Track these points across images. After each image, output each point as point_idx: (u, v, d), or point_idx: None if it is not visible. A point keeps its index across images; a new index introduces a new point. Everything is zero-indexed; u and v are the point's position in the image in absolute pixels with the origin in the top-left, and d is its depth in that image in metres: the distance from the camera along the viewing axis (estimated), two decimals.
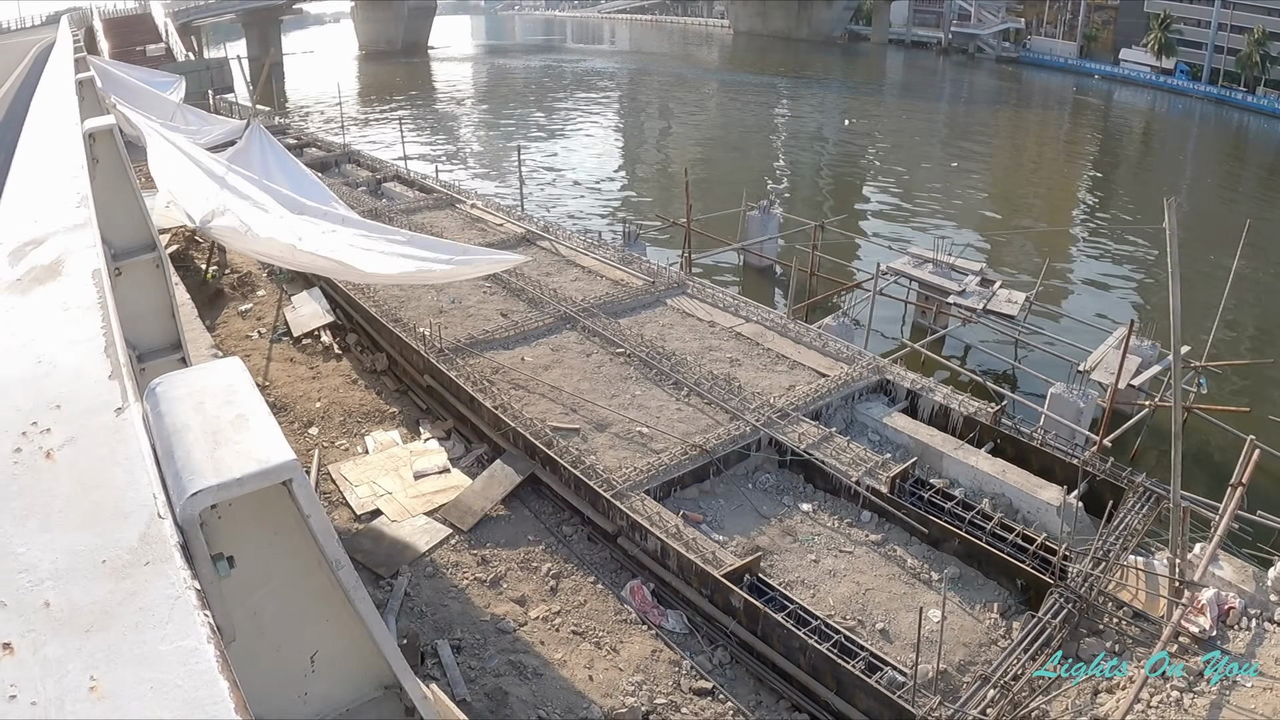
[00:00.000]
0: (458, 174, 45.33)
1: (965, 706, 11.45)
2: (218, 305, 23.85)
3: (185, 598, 1.74)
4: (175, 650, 1.63)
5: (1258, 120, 75.70)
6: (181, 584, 1.77)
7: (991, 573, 14.09)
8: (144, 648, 1.65)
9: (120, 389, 2.53)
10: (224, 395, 2.27)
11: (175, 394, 2.29)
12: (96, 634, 1.71)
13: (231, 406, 2.22)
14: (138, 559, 1.85)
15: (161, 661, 1.62)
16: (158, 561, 1.84)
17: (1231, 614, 12.57)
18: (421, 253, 14.44)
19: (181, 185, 15.55)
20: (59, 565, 1.85)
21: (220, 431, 2.11)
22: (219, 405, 2.22)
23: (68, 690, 1.58)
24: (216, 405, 2.22)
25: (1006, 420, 17.20)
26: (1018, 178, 56.19)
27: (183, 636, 1.66)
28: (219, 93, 49.92)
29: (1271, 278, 35.95)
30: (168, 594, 1.75)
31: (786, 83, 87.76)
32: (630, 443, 16.30)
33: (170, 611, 1.72)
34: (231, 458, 2.02)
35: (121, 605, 1.76)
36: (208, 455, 2.02)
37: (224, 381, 2.36)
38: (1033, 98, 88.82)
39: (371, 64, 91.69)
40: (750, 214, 33.06)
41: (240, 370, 2.41)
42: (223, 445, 2.06)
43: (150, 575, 1.80)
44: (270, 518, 2.27)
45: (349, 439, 17.73)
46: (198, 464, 2.00)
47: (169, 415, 2.19)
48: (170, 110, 25.24)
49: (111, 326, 3.04)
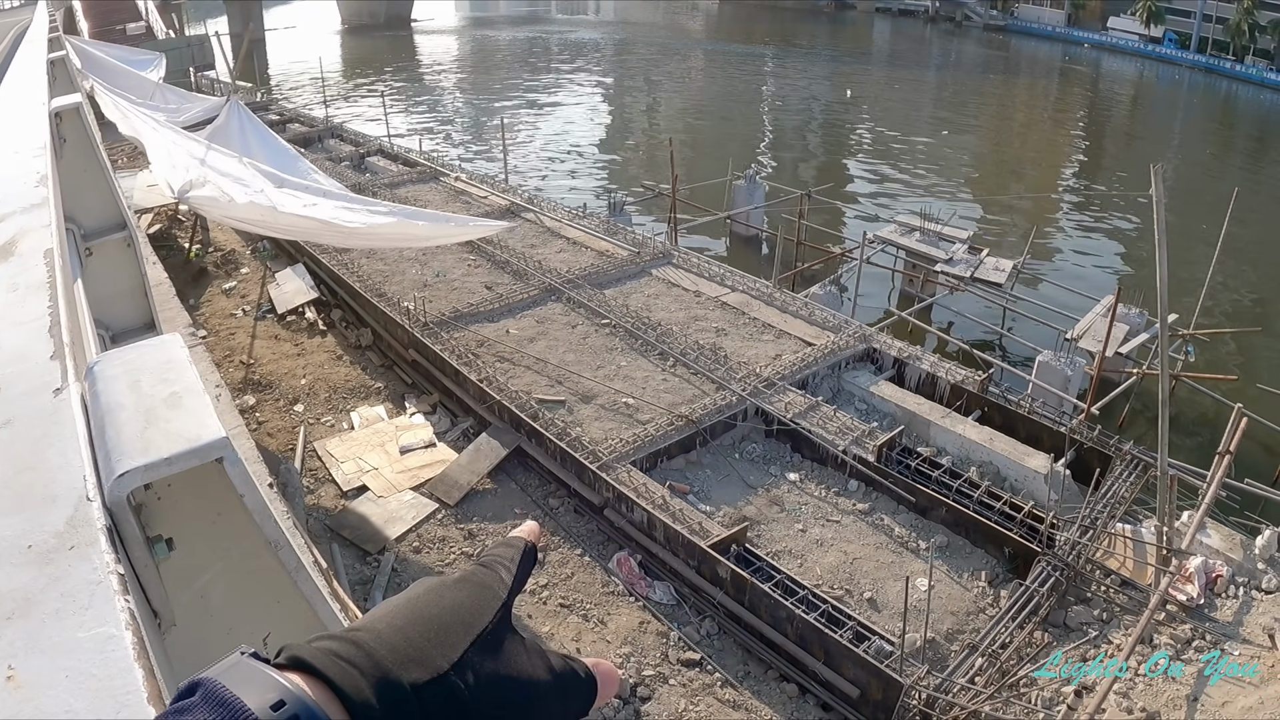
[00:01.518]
0: (442, 147, 45.01)
1: (953, 675, 11.48)
2: (202, 284, 23.68)
3: (107, 583, 1.67)
4: (92, 637, 1.57)
5: (1246, 89, 75.50)
6: (105, 568, 1.70)
7: (979, 541, 14.12)
8: (62, 635, 1.59)
9: (60, 368, 2.46)
10: (159, 373, 2.19)
11: (112, 373, 2.21)
12: (18, 621, 1.64)
13: (166, 384, 2.14)
14: (63, 543, 1.78)
15: (78, 649, 1.55)
16: (82, 545, 1.77)
17: (1219, 582, 12.63)
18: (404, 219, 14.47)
19: (161, 159, 15.49)
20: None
21: (153, 410, 2.04)
22: (154, 383, 2.14)
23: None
24: (151, 383, 2.14)
25: (994, 388, 17.21)
26: (1005, 146, 56.05)
27: (100, 623, 1.59)
28: (200, 70, 49.40)
29: (1259, 246, 35.97)
30: (90, 579, 1.69)
31: (773, 52, 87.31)
32: (616, 414, 16.26)
33: (91, 597, 1.65)
34: (161, 437, 1.95)
35: (44, 591, 1.69)
36: (138, 434, 1.95)
37: (162, 359, 2.28)
38: (1020, 66, 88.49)
39: (354, 38, 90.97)
40: (736, 183, 32.92)
41: (179, 346, 2.33)
42: (154, 424, 1.99)
43: (74, 560, 1.73)
44: (213, 498, 2.19)
45: (334, 415, 17.66)
46: (127, 444, 1.92)
47: (104, 394, 2.12)
48: (150, 89, 24.94)
49: (59, 306, 2.96)
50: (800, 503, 14.96)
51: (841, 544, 14.06)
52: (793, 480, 15.47)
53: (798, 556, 13.80)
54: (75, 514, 1.81)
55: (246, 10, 79.10)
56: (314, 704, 0.83)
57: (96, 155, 6.58)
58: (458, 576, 1.08)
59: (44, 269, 3.27)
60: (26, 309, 2.87)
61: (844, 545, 14.03)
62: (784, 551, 13.87)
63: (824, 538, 14.19)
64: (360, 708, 0.86)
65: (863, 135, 56.50)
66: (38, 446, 2.06)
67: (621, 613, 12.87)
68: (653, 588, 13.41)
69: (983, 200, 42.11)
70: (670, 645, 12.39)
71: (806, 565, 13.62)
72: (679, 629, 12.70)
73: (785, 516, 14.65)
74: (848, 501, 14.99)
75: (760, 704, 11.68)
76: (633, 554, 13.85)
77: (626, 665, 11.91)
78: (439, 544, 14.14)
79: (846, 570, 13.54)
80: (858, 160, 50.73)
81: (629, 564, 13.66)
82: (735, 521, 14.02)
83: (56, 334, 2.63)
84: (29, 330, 2.71)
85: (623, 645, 12.24)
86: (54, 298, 2.91)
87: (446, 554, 13.91)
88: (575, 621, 12.64)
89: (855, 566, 13.62)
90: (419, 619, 0.98)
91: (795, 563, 13.62)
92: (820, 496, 15.12)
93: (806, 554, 13.85)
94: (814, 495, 15.15)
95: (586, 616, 12.77)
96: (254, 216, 14.78)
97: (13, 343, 2.66)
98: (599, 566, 13.75)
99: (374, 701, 0.86)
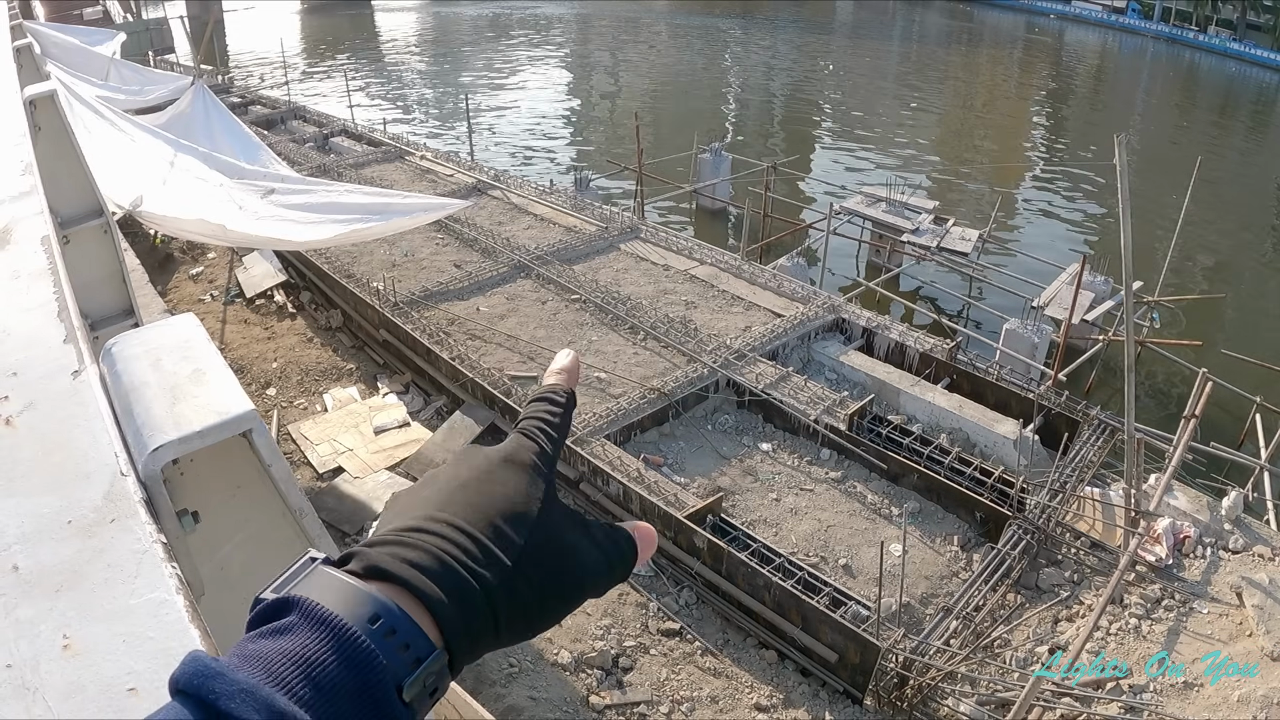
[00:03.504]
0: (406, 126, 44.73)
1: (928, 637, 11.69)
2: (168, 270, 23.53)
3: (152, 551, 1.75)
4: (145, 603, 1.65)
5: (1209, 59, 75.98)
6: (148, 538, 1.78)
7: (951, 506, 14.33)
8: (114, 603, 1.67)
9: (76, 352, 2.52)
10: (180, 351, 2.26)
11: (131, 353, 2.28)
12: (67, 593, 1.72)
13: (188, 362, 2.21)
14: (103, 517, 1.86)
15: (132, 615, 1.63)
16: (123, 518, 1.85)
17: (1187, 542, 12.90)
18: (363, 200, 14.33)
19: (108, 166, 15.22)
20: (25, 529, 1.85)
21: (178, 387, 2.11)
22: (176, 361, 2.21)
23: (41, 650, 1.59)
24: (173, 361, 2.21)
25: (962, 356, 17.39)
26: (970, 117, 56.26)
27: (151, 589, 1.67)
28: (160, 54, 48.73)
29: (1222, 213, 36.39)
30: (134, 549, 1.77)
31: (737, 23, 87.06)
32: (588, 388, 16.35)
33: (138, 566, 1.73)
34: (191, 411, 2.02)
35: (89, 563, 1.77)
36: (167, 410, 2.03)
37: (180, 337, 2.35)
38: (984, 37, 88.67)
39: (314, 17, 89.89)
40: (702, 156, 32.92)
41: (195, 326, 2.41)
42: (181, 400, 2.06)
43: (116, 532, 1.81)
44: (232, 471, 2.28)
45: (307, 398, 17.65)
46: (158, 420, 2.00)
47: (126, 374, 2.19)
48: (104, 68, 24.27)
49: (64, 291, 3.02)
50: (774, 472, 15.12)
51: (815, 512, 14.24)
52: (765, 450, 15.63)
53: (773, 525, 13.96)
54: (111, 489, 1.89)
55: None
56: (409, 616, 0.85)
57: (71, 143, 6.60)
58: (502, 455, 1.09)
59: (44, 256, 3.32)
60: (32, 295, 2.93)
61: (818, 513, 14.21)
62: (759, 520, 14.04)
63: (798, 506, 14.37)
64: (447, 619, 0.89)
65: (828, 107, 56.58)
66: (64, 427, 2.13)
67: None
68: None
69: (948, 170, 42.34)
70: (650, 616, 12.55)
71: (782, 533, 13.79)
72: (658, 599, 12.85)
73: (759, 486, 14.82)
74: (820, 470, 15.17)
75: (740, 671, 11.86)
76: None
77: (607, 637, 12.05)
78: None
79: (821, 537, 13.73)
80: (823, 132, 50.83)
81: None
82: (710, 492, 14.16)
83: (66, 320, 2.69)
84: (39, 316, 2.77)
85: (603, 617, 12.37)
86: (58, 284, 2.97)
87: None
88: None
89: (830, 534, 13.81)
90: (476, 510, 0.99)
91: (771, 531, 13.79)
92: (793, 466, 15.29)
93: (781, 522, 14.02)
94: (787, 464, 15.31)
95: None
96: (204, 231, 14.69)
97: (24, 329, 2.71)
98: None
99: (457, 611, 0.90)
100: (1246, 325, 27.24)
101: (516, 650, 11.70)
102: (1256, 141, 53.15)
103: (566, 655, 11.69)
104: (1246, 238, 35.54)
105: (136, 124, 17.01)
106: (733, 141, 45.17)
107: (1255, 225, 37.39)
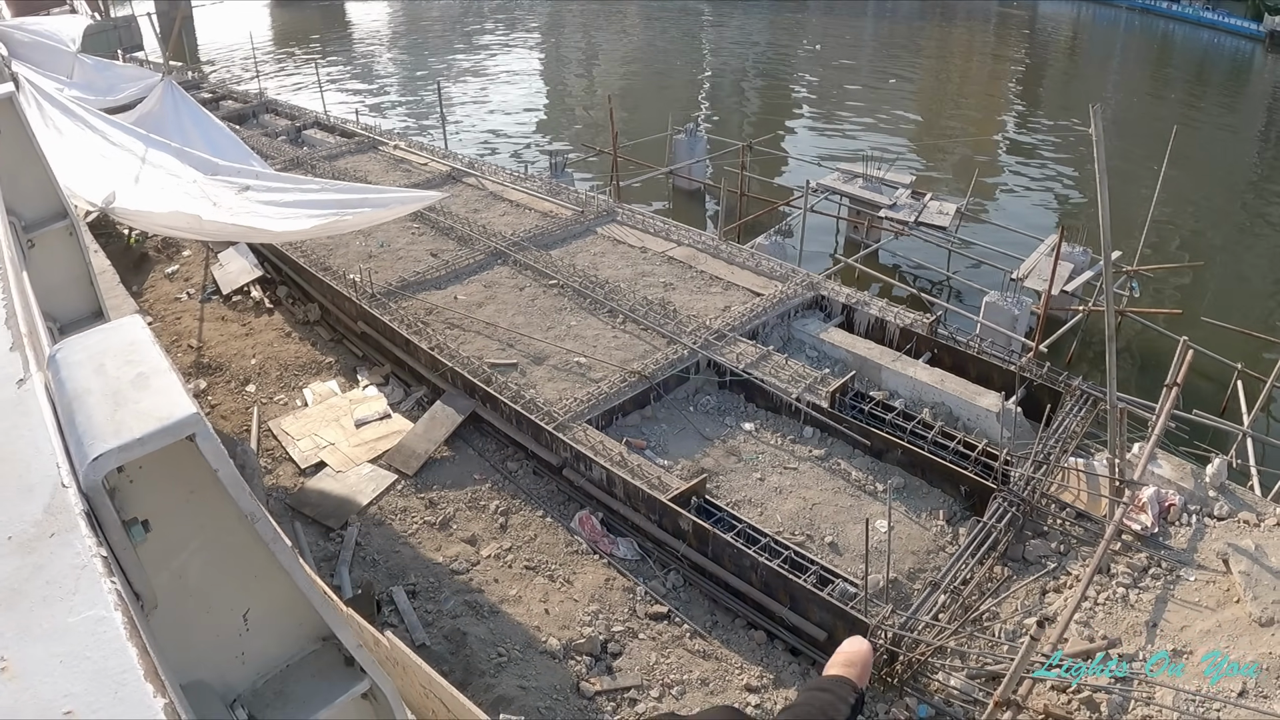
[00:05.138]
0: (379, 116, 44.44)
1: (917, 612, 11.70)
2: (143, 269, 23.33)
3: (91, 566, 1.69)
4: (83, 621, 1.59)
5: (1182, 28, 76.07)
6: (87, 552, 1.72)
7: (935, 481, 14.33)
8: (52, 621, 1.61)
9: (21, 359, 2.45)
10: (125, 355, 2.19)
11: (75, 358, 2.21)
12: (4, 613, 1.66)
13: (132, 365, 2.14)
14: (43, 531, 1.80)
15: (70, 634, 1.57)
16: (63, 532, 1.78)
17: (1172, 511, 12.92)
18: (337, 196, 14.26)
19: (77, 166, 15.07)
20: None
21: (121, 392, 2.04)
22: (119, 365, 2.14)
23: None
24: (117, 365, 2.15)
25: (943, 330, 17.39)
26: (945, 91, 56.27)
27: (90, 606, 1.61)
28: (129, 51, 48.27)
29: (1199, 181, 36.52)
30: (74, 564, 1.70)
31: (708, 4, 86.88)
32: (569, 374, 16.29)
33: (77, 582, 1.67)
34: (132, 418, 1.96)
35: (29, 580, 1.71)
36: (109, 417, 1.96)
37: (125, 340, 2.28)
38: (958, 11, 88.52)
39: (284, 9, 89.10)
40: (677, 137, 32.85)
41: (140, 327, 2.33)
42: (124, 406, 2.00)
43: (56, 546, 1.75)
44: (184, 477, 2.21)
45: (287, 393, 17.54)
46: (98, 427, 1.93)
47: (70, 381, 2.12)
48: (69, 65, 23.88)
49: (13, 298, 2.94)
50: (757, 452, 15.10)
51: (800, 490, 14.22)
52: (748, 430, 15.60)
53: (758, 505, 13.94)
54: (52, 501, 1.82)
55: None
56: None
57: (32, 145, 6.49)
58: None
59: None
60: None
61: (803, 491, 14.20)
62: (744, 501, 14.01)
63: (782, 485, 14.35)
64: None
65: (803, 85, 56.50)
66: (7, 438, 2.06)
67: (587, 571, 12.97)
68: (616, 544, 13.51)
69: (925, 145, 42.33)
70: (637, 600, 12.52)
71: (767, 513, 13.77)
72: (645, 583, 12.82)
73: (743, 466, 14.79)
74: (804, 448, 15.15)
75: (730, 652, 11.85)
76: (594, 512, 13.94)
77: (595, 623, 12.02)
78: (401, 514, 14.14)
79: (807, 516, 13.71)
80: (798, 109, 50.75)
81: (591, 522, 13.75)
82: (694, 474, 14.12)
83: (14, 326, 2.62)
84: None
85: (590, 603, 12.34)
86: (8, 290, 2.89)
87: (409, 524, 13.92)
88: (542, 583, 12.72)
89: (815, 512, 13.79)
90: None
91: (756, 511, 13.76)
92: (776, 445, 15.27)
93: (766, 502, 14.00)
94: (770, 444, 15.29)
95: (552, 577, 12.85)
96: (179, 225, 14.55)
97: None
98: (561, 527, 13.82)
99: None
100: (1225, 292, 27.33)
101: (505, 639, 11.68)
102: (1230, 109, 53.27)
103: (555, 642, 11.66)
104: (1223, 205, 35.67)
105: (108, 121, 16.85)
106: (709, 122, 45.11)
107: (1231, 193, 37.52)
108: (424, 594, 12.52)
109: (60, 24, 27.91)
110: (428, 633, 11.81)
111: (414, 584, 12.68)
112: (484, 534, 13.70)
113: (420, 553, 13.33)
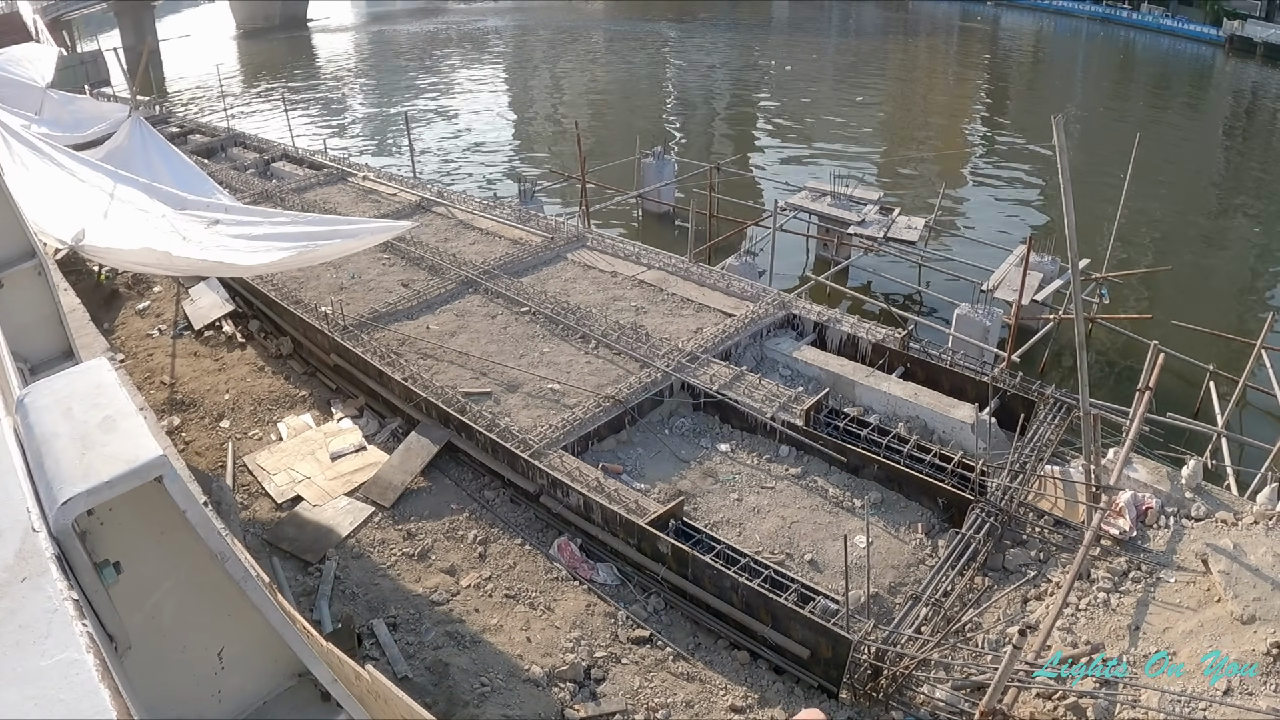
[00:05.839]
0: (348, 147, 44.44)
1: (899, 626, 11.73)
2: (114, 306, 23.19)
3: (63, 609, 1.70)
4: (56, 664, 1.59)
5: (1143, 36, 77.24)
6: (59, 596, 1.73)
7: (913, 494, 14.39)
8: (25, 665, 1.61)
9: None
10: (91, 398, 2.19)
11: (43, 403, 2.22)
12: None
13: (99, 409, 2.15)
14: (14, 576, 1.80)
15: (43, 677, 1.58)
16: (34, 576, 1.79)
17: (1150, 514, 13.02)
18: (307, 229, 14.26)
19: (46, 203, 15.03)
20: None
21: (88, 435, 2.05)
22: (86, 409, 2.15)
23: None
24: (84, 409, 2.15)
25: (915, 344, 17.50)
26: (910, 107, 56.79)
27: (62, 649, 1.62)
28: (96, 86, 48.24)
29: (1163, 187, 36.96)
30: (46, 608, 1.71)
31: (674, 28, 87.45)
32: (543, 401, 16.29)
33: (49, 625, 1.68)
34: (100, 461, 1.96)
35: (1, 625, 1.71)
36: (77, 461, 1.97)
37: (91, 384, 2.28)
38: (920, 27, 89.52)
39: (250, 42, 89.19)
40: (645, 161, 32.99)
41: (107, 370, 2.34)
42: (91, 449, 2.00)
43: (27, 591, 1.75)
44: (155, 518, 2.21)
45: (261, 428, 17.45)
46: (67, 471, 1.94)
47: (38, 425, 2.12)
48: (37, 101, 23.82)
49: None
50: (733, 472, 15.12)
51: (778, 509, 14.25)
52: (724, 451, 15.63)
53: (736, 525, 13.96)
54: (23, 546, 1.83)
55: (139, 22, 77.13)
56: None
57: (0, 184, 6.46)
58: None
59: None
60: None
61: (780, 510, 14.22)
62: (722, 522, 14.03)
63: (760, 505, 14.37)
64: None
65: (769, 105, 56.88)
66: None
67: (567, 597, 12.93)
68: (595, 570, 13.49)
69: (891, 161, 42.70)
70: (619, 625, 12.49)
71: (745, 533, 13.78)
72: (626, 608, 12.80)
73: (720, 487, 14.81)
74: (780, 467, 15.19)
75: (713, 673, 11.83)
76: (573, 538, 13.92)
77: (578, 649, 11.98)
78: (379, 547, 14.07)
79: (785, 534, 13.73)
80: (765, 130, 51.10)
81: (570, 548, 13.72)
82: (671, 497, 14.14)
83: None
84: None
85: (572, 630, 12.31)
86: None
87: (388, 556, 13.85)
88: (523, 611, 12.68)
89: (794, 530, 13.82)
90: None
91: (734, 532, 13.78)
92: (753, 464, 15.30)
93: (744, 522, 14.02)
94: (746, 464, 15.32)
95: (533, 605, 12.81)
96: (149, 261, 14.51)
97: None
98: (540, 554, 13.79)
99: None
100: (1193, 296, 27.66)
101: (487, 669, 11.61)
102: (1193, 113, 53.96)
103: (538, 670, 11.61)
104: (1188, 208, 36.12)
105: (76, 158, 16.81)
106: (677, 145, 45.31)
107: (1195, 196, 38.02)
108: (405, 626, 12.45)
109: (31, 54, 27.83)
110: (410, 664, 11.73)
111: (394, 616, 12.60)
112: (463, 564, 13.65)
113: (400, 584, 13.26)
